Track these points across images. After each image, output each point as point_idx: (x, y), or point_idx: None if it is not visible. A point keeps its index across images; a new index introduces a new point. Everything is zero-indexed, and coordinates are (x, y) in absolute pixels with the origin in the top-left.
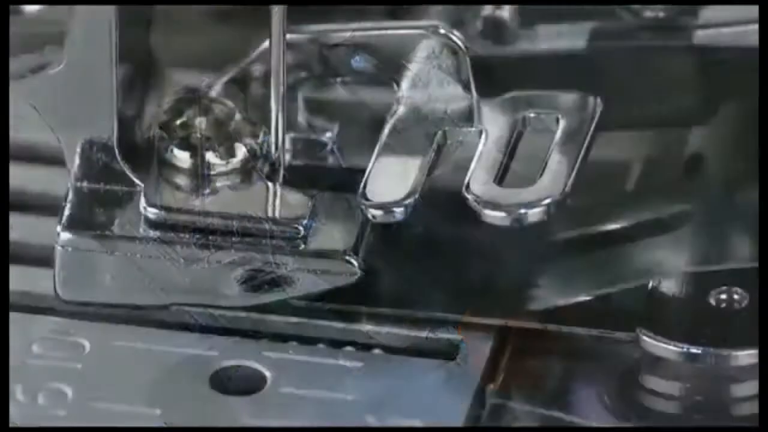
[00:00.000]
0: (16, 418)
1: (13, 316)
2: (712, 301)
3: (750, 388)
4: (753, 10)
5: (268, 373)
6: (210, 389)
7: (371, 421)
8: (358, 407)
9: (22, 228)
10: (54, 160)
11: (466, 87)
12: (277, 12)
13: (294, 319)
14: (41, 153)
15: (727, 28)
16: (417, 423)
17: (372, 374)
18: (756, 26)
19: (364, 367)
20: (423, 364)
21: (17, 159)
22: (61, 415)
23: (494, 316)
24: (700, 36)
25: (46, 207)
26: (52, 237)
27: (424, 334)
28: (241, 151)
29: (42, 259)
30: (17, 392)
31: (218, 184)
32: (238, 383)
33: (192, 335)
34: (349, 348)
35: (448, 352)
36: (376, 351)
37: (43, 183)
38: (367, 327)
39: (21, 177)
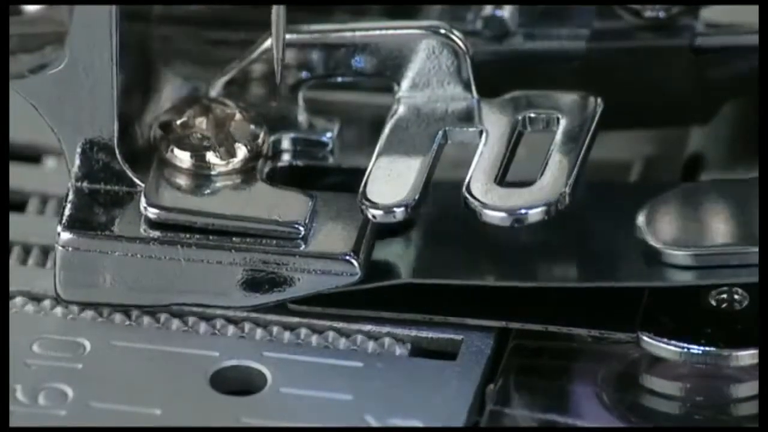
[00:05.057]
0: (16, 418)
1: (13, 316)
2: (713, 301)
3: (750, 388)
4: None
5: (268, 373)
6: (210, 389)
7: (371, 421)
8: (358, 407)
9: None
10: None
11: (467, 87)
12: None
13: (294, 319)
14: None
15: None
16: (417, 423)
17: (372, 374)
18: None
19: (364, 367)
20: (423, 364)
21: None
22: (61, 415)
23: (494, 317)
24: (700, 36)
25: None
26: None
27: (424, 334)
28: (241, 151)
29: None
30: (17, 392)
31: (218, 184)
32: (238, 383)
33: (192, 335)
34: (348, 348)
35: (448, 352)
36: (376, 351)
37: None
38: (367, 327)
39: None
